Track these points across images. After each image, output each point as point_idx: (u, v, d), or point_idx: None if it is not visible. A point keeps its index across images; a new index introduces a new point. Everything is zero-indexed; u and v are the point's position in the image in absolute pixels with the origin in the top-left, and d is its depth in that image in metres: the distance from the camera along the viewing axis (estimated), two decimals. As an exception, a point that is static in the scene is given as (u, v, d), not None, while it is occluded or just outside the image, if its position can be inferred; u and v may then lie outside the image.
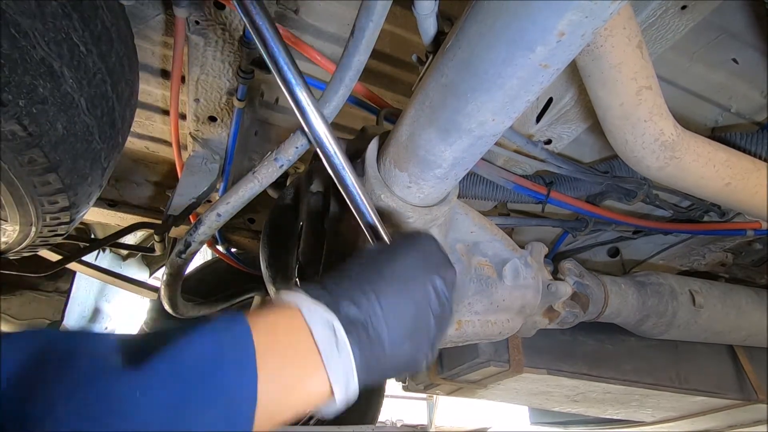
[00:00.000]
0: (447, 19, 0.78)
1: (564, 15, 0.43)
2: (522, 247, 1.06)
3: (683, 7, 0.89)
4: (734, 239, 1.61)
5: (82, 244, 1.71)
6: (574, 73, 0.97)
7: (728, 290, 1.53)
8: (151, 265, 2.52)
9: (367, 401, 2.39)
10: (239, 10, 0.62)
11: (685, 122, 1.05)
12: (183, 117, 1.28)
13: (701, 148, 0.99)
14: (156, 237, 1.55)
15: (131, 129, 1.08)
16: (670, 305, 1.38)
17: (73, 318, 2.14)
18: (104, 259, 2.16)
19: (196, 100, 1.18)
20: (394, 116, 0.99)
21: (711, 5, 0.91)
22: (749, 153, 1.13)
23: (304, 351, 0.43)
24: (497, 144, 1.18)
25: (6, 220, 0.89)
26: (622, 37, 0.83)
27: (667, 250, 1.73)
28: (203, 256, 2.63)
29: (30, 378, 0.33)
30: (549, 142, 1.20)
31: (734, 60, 1.12)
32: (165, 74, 1.23)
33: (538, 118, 1.12)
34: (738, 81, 1.18)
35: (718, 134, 1.22)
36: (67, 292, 2.11)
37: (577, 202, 1.33)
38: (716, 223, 1.46)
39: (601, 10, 0.43)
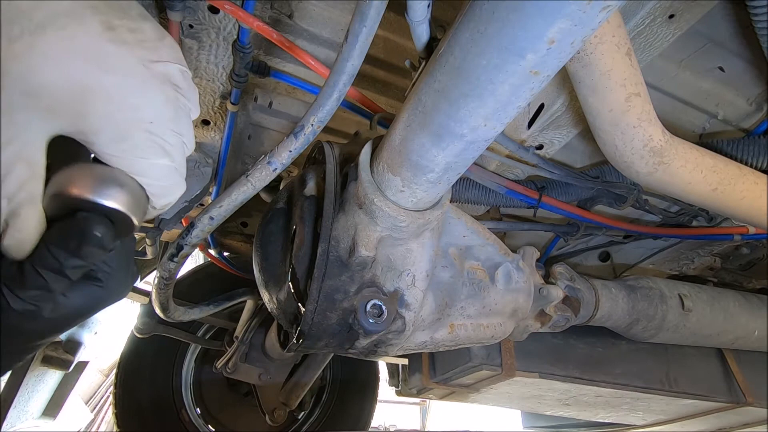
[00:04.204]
0: (440, 25, 0.78)
1: (554, 23, 0.44)
2: (514, 251, 1.07)
3: (671, 16, 0.91)
4: (722, 244, 1.64)
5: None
6: (565, 79, 0.99)
7: (716, 294, 1.56)
8: (142, 269, 2.49)
9: (360, 406, 2.38)
10: None
11: (674, 129, 1.07)
12: (176, 120, 1.28)
13: (689, 154, 1.01)
14: (147, 241, 1.54)
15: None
16: (659, 309, 1.40)
17: (62, 323, 2.11)
18: (94, 262, 2.13)
19: (190, 104, 1.18)
20: (388, 121, 1.00)
21: (698, 14, 0.93)
22: (736, 159, 1.15)
23: None
24: (489, 149, 1.20)
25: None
26: (611, 44, 0.85)
27: (657, 255, 1.75)
28: (195, 260, 2.61)
29: None
30: (541, 147, 1.21)
31: (720, 68, 1.14)
32: (158, 77, 1.23)
33: (530, 124, 1.14)
34: (724, 89, 1.20)
35: (706, 141, 1.25)
36: (56, 297, 2.07)
37: (568, 206, 1.35)
38: (704, 228, 1.48)
39: (590, 19, 0.44)
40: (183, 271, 2.04)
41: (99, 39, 0.44)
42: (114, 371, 2.09)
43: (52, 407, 2.41)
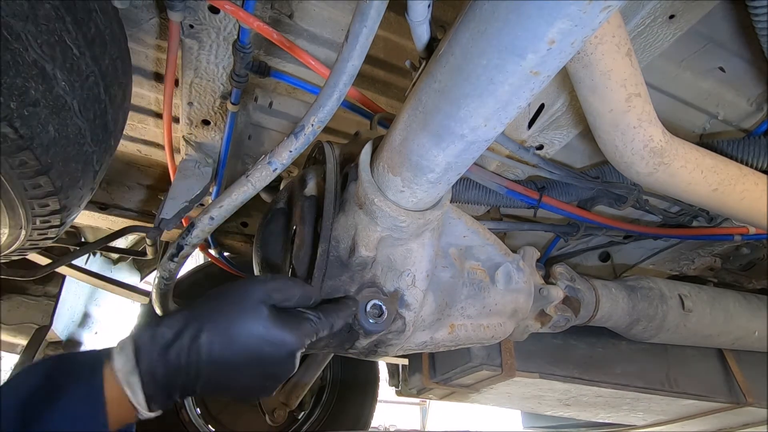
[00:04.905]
0: (440, 25, 0.79)
1: (554, 23, 0.44)
2: (514, 251, 1.07)
3: (671, 17, 0.91)
4: (722, 244, 1.64)
5: (72, 248, 1.70)
6: (565, 79, 0.99)
7: (717, 294, 1.56)
8: (142, 269, 2.49)
9: (360, 406, 2.38)
10: None
11: (674, 129, 1.07)
12: (176, 120, 1.28)
13: (689, 154, 1.01)
14: (148, 241, 1.54)
15: (124, 132, 1.08)
16: (659, 309, 1.40)
17: (62, 322, 2.11)
18: (94, 262, 2.14)
19: (190, 104, 1.18)
20: (388, 121, 1.00)
21: (698, 15, 0.93)
22: (736, 159, 1.15)
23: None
24: (489, 149, 1.20)
25: (-5, 223, 0.88)
26: (611, 45, 0.85)
27: (657, 255, 1.75)
28: (195, 260, 2.61)
29: None
30: (541, 147, 1.21)
31: (721, 68, 1.14)
32: (158, 77, 1.23)
33: (530, 124, 1.13)
34: (725, 89, 1.20)
35: (706, 141, 1.25)
36: (56, 296, 2.08)
37: (568, 207, 1.35)
38: (705, 229, 1.48)
39: (590, 19, 0.44)
40: (183, 271, 2.04)
41: None
42: (114, 371, 2.08)
43: (52, 407, 2.40)
